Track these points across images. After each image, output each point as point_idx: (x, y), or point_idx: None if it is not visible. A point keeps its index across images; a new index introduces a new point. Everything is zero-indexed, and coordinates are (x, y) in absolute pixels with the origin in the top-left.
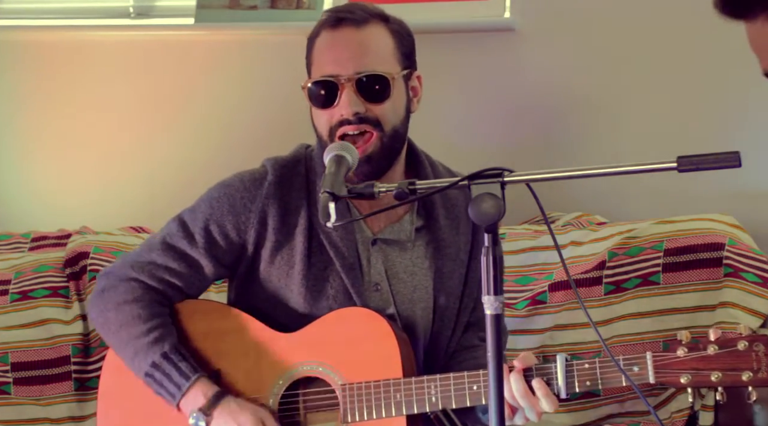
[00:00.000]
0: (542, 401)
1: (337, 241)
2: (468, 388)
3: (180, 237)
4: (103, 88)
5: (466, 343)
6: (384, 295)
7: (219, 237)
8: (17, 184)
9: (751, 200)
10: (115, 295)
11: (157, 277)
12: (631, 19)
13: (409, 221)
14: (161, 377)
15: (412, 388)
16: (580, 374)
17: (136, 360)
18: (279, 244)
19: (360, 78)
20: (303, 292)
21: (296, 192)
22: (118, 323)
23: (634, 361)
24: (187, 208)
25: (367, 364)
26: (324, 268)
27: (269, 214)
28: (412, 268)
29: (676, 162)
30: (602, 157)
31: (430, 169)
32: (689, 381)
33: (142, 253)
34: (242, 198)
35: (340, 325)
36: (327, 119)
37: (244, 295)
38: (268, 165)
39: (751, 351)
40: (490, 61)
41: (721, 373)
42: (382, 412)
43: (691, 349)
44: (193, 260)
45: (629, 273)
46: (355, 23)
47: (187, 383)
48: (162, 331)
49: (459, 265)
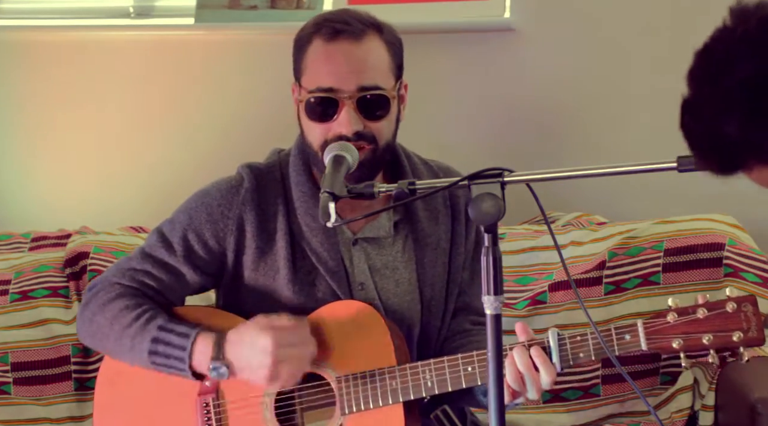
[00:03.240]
0: (541, 370)
1: (317, 247)
2: (463, 370)
3: (159, 247)
4: (103, 88)
5: (457, 328)
6: (369, 293)
7: (198, 245)
8: (17, 184)
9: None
10: (97, 299)
11: (137, 280)
12: (631, 19)
13: (386, 217)
14: (164, 348)
15: (408, 374)
16: (573, 346)
17: (135, 344)
18: (260, 250)
19: (361, 96)
20: (291, 296)
21: (273, 198)
22: (108, 321)
23: (626, 330)
24: (166, 220)
25: (361, 356)
26: (309, 273)
27: (246, 220)
28: (394, 263)
29: (676, 162)
30: (602, 157)
31: (407, 162)
32: (681, 345)
33: (122, 263)
34: (219, 206)
35: (332, 318)
36: (322, 132)
37: (233, 302)
38: (243, 172)
39: (740, 311)
40: (490, 61)
41: (712, 335)
42: (379, 401)
43: (681, 314)
44: (173, 268)
45: (629, 273)
46: (354, 36)
47: (189, 340)
48: (152, 312)
49: (441, 253)
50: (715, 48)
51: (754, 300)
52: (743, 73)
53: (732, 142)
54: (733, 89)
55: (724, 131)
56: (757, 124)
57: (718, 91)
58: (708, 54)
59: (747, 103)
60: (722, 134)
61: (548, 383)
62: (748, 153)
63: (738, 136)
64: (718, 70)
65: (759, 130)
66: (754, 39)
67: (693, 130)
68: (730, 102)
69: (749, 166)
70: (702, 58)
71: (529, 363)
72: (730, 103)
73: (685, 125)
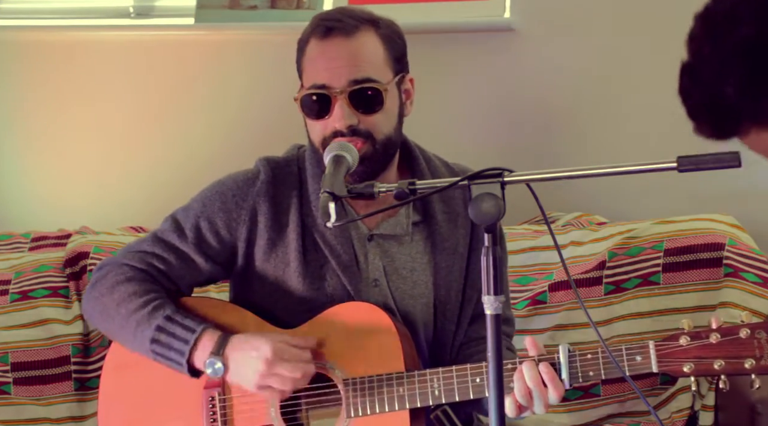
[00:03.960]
0: (550, 388)
1: (330, 239)
2: (471, 381)
3: (170, 232)
4: (103, 88)
5: (474, 335)
6: (383, 290)
7: (209, 233)
8: (17, 184)
9: (751, 200)
10: (106, 280)
11: (146, 262)
12: (631, 18)
13: (405, 215)
14: (167, 338)
15: (415, 381)
16: (583, 364)
17: (138, 331)
18: (272, 241)
19: (353, 90)
20: (301, 289)
21: (288, 191)
22: (114, 303)
23: (637, 351)
24: (180, 207)
25: (369, 359)
26: (320, 266)
27: (260, 212)
28: (412, 264)
29: (676, 162)
30: (602, 157)
31: (425, 165)
32: (692, 370)
33: (133, 245)
34: (234, 196)
35: (341, 320)
36: (320, 130)
37: (243, 293)
38: (260, 165)
39: (753, 338)
40: (490, 61)
41: (723, 361)
42: (385, 407)
43: (694, 338)
44: (183, 253)
45: (629, 273)
46: (345, 32)
47: (193, 336)
48: (160, 301)
49: (458, 258)
50: (715, 9)
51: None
52: (744, 33)
53: (730, 104)
54: (733, 50)
55: (723, 92)
56: (756, 86)
57: (718, 52)
58: (709, 15)
59: (747, 63)
60: (721, 95)
61: (556, 399)
62: (745, 115)
63: (736, 98)
64: (719, 31)
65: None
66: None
67: (691, 92)
68: (730, 63)
69: (746, 129)
70: (702, 20)
71: (538, 378)
72: (730, 64)
73: (684, 88)
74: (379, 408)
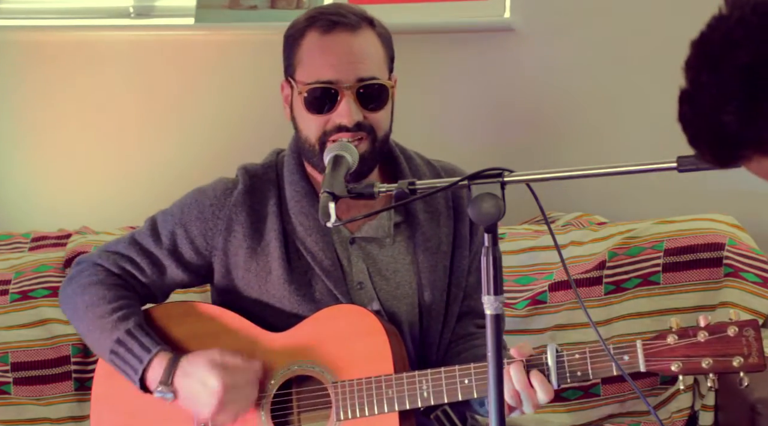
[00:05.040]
0: (538, 390)
1: (311, 246)
2: (459, 383)
3: (147, 236)
4: (103, 88)
5: (462, 332)
6: (368, 292)
7: (185, 241)
8: (17, 184)
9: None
10: (80, 278)
11: (119, 266)
12: (632, 18)
13: (386, 217)
14: (125, 353)
15: (404, 384)
16: (570, 364)
17: (101, 339)
18: (252, 250)
19: (361, 86)
20: (288, 296)
21: (266, 199)
22: (84, 305)
23: (625, 350)
24: (162, 210)
25: (359, 361)
26: (305, 272)
27: (236, 221)
28: (395, 265)
29: (676, 162)
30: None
31: (405, 163)
32: (680, 368)
33: (111, 244)
34: (211, 206)
35: (330, 322)
36: (320, 124)
37: (230, 301)
38: (239, 173)
39: (741, 336)
40: (490, 61)
41: (711, 359)
42: (374, 409)
43: (681, 336)
44: (156, 259)
45: (629, 273)
46: (350, 28)
47: (148, 356)
48: (127, 311)
49: (442, 257)
50: (711, 36)
51: (756, 324)
52: (741, 59)
53: (731, 133)
54: (731, 76)
55: (723, 120)
56: (755, 112)
57: (716, 79)
58: (704, 42)
59: (745, 89)
60: (721, 123)
61: (545, 400)
62: (747, 142)
63: (737, 126)
64: (716, 58)
65: (758, 118)
66: (750, 25)
67: (691, 120)
68: (728, 89)
69: (748, 156)
70: (699, 46)
71: (525, 381)
72: (728, 90)
73: (683, 116)
74: (368, 410)
